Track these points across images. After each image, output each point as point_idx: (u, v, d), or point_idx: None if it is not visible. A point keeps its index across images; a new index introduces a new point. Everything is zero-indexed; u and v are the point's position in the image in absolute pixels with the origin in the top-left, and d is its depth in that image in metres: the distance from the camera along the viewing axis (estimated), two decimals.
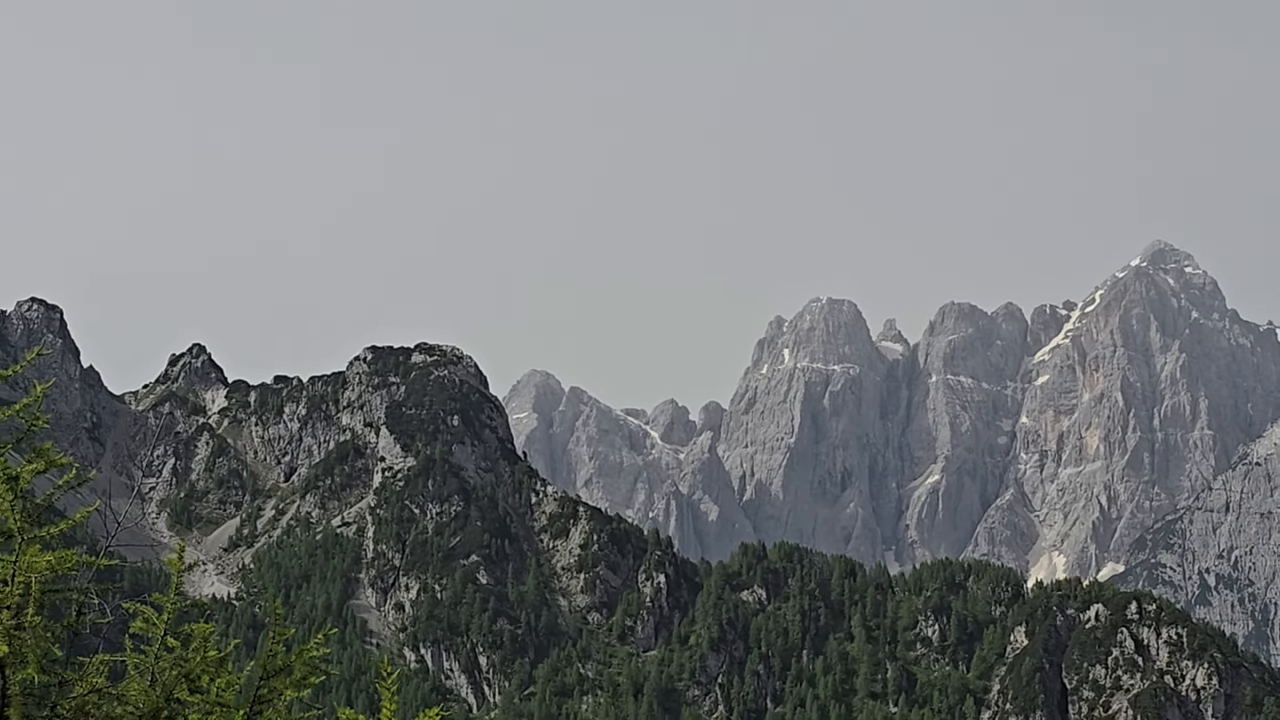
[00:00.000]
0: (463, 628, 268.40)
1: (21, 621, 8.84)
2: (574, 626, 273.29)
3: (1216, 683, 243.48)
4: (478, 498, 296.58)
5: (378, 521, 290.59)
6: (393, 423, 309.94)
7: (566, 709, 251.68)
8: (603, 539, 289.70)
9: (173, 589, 10.30)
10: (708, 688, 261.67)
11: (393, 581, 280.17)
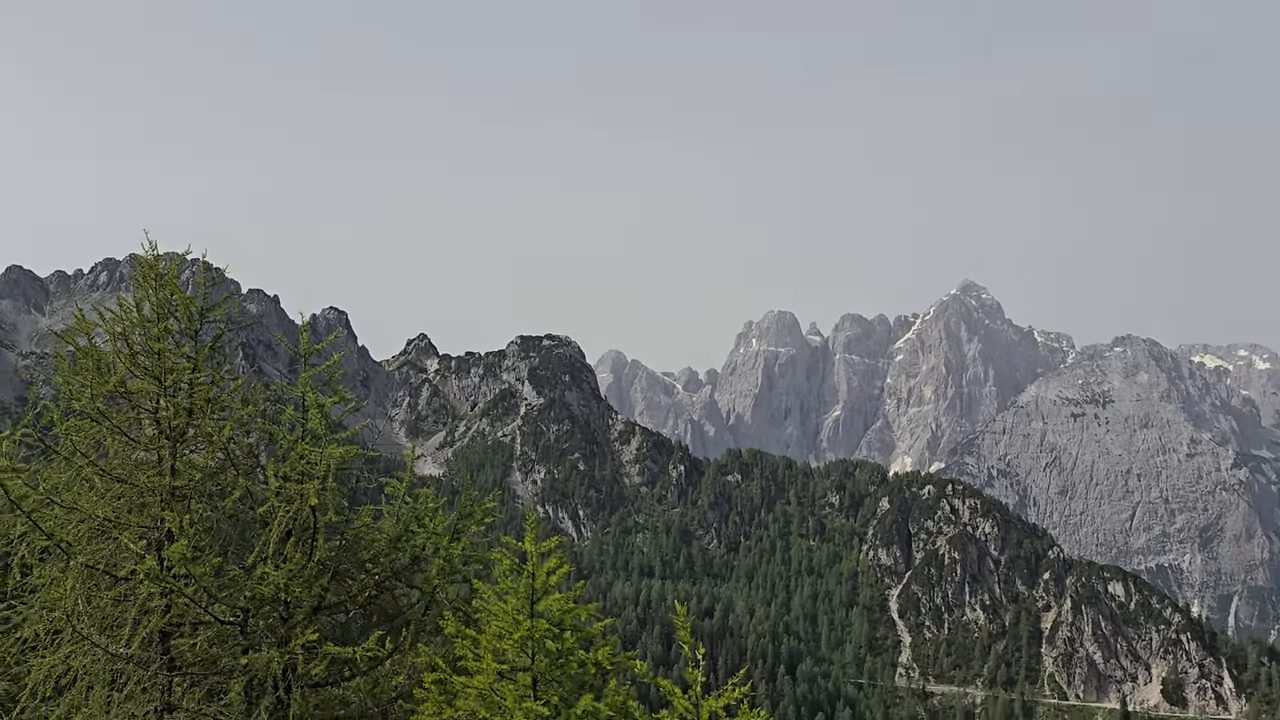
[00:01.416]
0: (570, 494, 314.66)
1: (326, 485, 11.44)
2: (632, 494, 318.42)
3: (996, 531, 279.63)
4: (579, 421, 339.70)
5: (522, 435, 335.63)
6: (531, 378, 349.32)
7: (626, 541, 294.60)
8: (648, 445, 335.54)
9: (409, 469, 12.65)
10: (707, 529, 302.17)
11: (530, 467, 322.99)
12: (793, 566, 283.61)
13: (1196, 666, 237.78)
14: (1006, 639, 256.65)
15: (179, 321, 12.85)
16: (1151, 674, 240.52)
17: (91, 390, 12.63)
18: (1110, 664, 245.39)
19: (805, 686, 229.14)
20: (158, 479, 12.48)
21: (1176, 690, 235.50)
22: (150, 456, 12.78)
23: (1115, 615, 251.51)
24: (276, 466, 12.51)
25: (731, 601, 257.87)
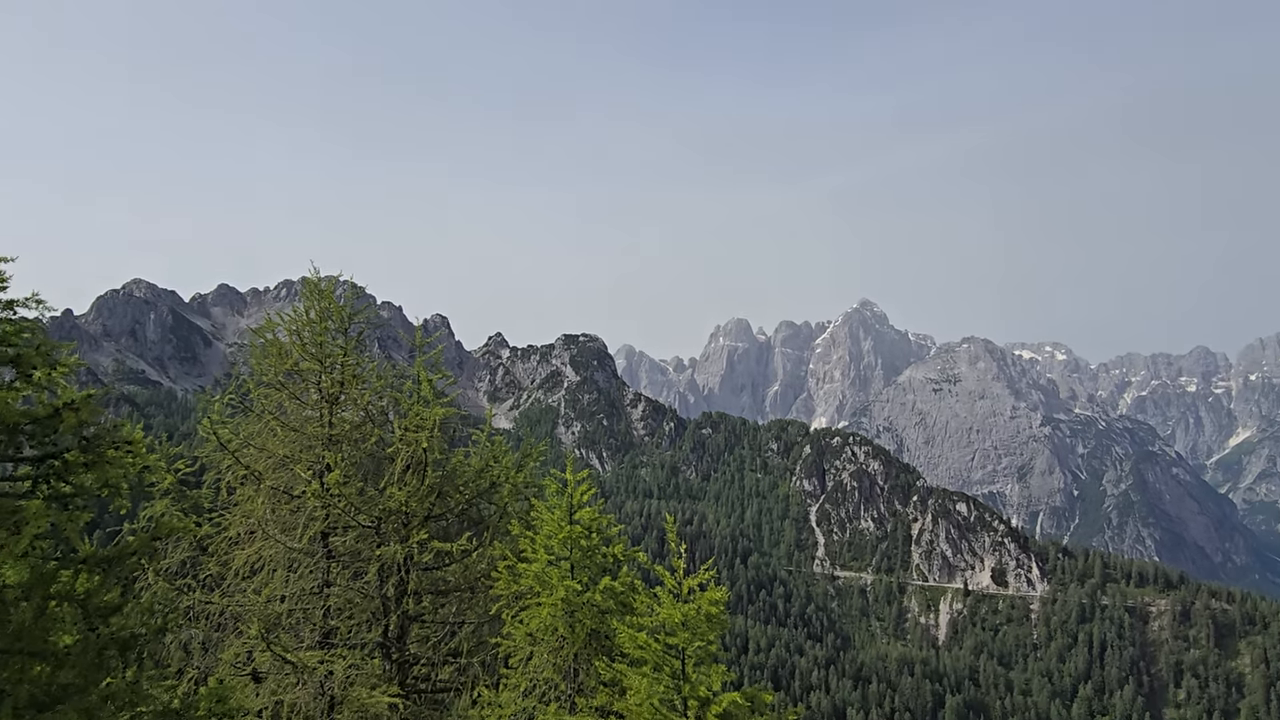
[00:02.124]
0: (597, 441, 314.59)
1: (432, 434, 10.99)
2: (639, 442, 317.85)
3: (882, 468, 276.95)
4: (603, 393, 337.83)
5: (565, 402, 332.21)
6: (571, 363, 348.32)
7: (634, 474, 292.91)
8: (649, 409, 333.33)
9: (488, 424, 12.42)
10: (689, 466, 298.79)
11: (570, 423, 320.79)
12: (745, 491, 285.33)
13: (1014, 559, 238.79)
14: (888, 540, 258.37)
15: (334, 322, 13.04)
16: (984, 564, 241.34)
17: (274, 369, 12.83)
18: (957, 558, 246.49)
19: (753, 572, 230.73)
20: (320, 429, 12.67)
21: (1000, 576, 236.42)
22: (314, 414, 12.97)
23: (960, 525, 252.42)
24: (400, 421, 12.62)
25: (704, 515, 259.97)
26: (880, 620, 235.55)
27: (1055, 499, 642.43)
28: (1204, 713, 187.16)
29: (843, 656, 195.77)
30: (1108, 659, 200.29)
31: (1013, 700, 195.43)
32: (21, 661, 6.66)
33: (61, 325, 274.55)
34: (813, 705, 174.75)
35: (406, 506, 11.92)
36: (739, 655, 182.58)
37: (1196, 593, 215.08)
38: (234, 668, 11.49)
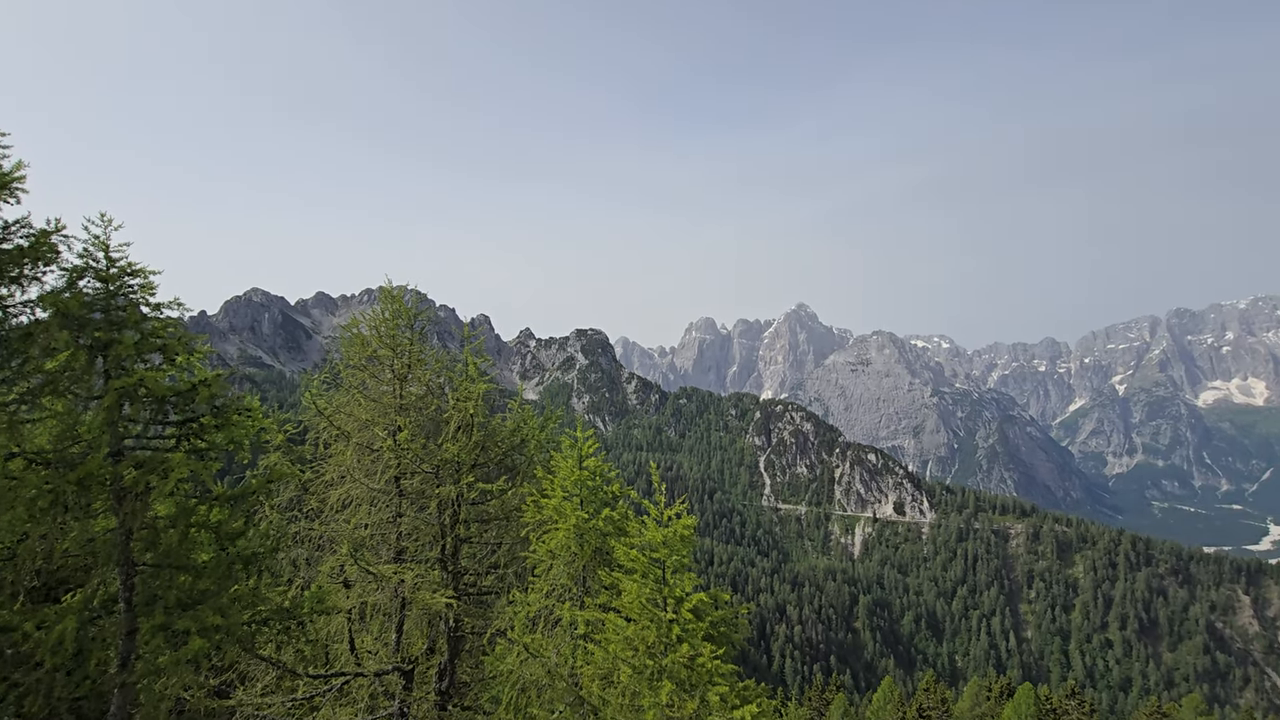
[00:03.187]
0: (601, 409, 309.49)
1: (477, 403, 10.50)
2: (633, 409, 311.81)
3: (812, 428, 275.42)
4: (606, 373, 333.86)
5: (578, 379, 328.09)
6: (582, 350, 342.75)
7: (629, 434, 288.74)
8: (640, 385, 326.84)
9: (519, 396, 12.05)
10: (670, 427, 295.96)
11: (582, 395, 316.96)
12: (712, 446, 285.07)
13: (910, 495, 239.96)
14: (817, 482, 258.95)
15: (403, 320, 12.98)
16: (889, 499, 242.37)
17: (358, 355, 12.79)
18: (868, 494, 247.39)
19: (717, 506, 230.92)
20: (392, 400, 12.62)
21: (900, 507, 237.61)
22: (388, 389, 12.89)
23: (871, 470, 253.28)
24: (453, 394, 12.66)
25: (681, 464, 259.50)
26: (811, 541, 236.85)
27: (940, 451, 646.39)
28: (1048, 607, 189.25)
29: (783, 568, 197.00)
30: (978, 568, 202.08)
31: (909, 599, 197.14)
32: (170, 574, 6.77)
33: (197, 322, 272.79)
34: (761, 604, 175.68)
35: (458, 457, 11.88)
36: (706, 567, 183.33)
37: (1044, 519, 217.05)
38: (330, 578, 11.51)
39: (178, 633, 6.37)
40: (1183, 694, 74.91)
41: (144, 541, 6.57)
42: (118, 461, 6.61)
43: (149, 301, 7.30)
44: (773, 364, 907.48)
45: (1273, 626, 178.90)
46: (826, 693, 62.91)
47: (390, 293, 12.88)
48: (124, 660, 6.32)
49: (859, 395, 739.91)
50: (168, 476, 6.21)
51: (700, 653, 6.51)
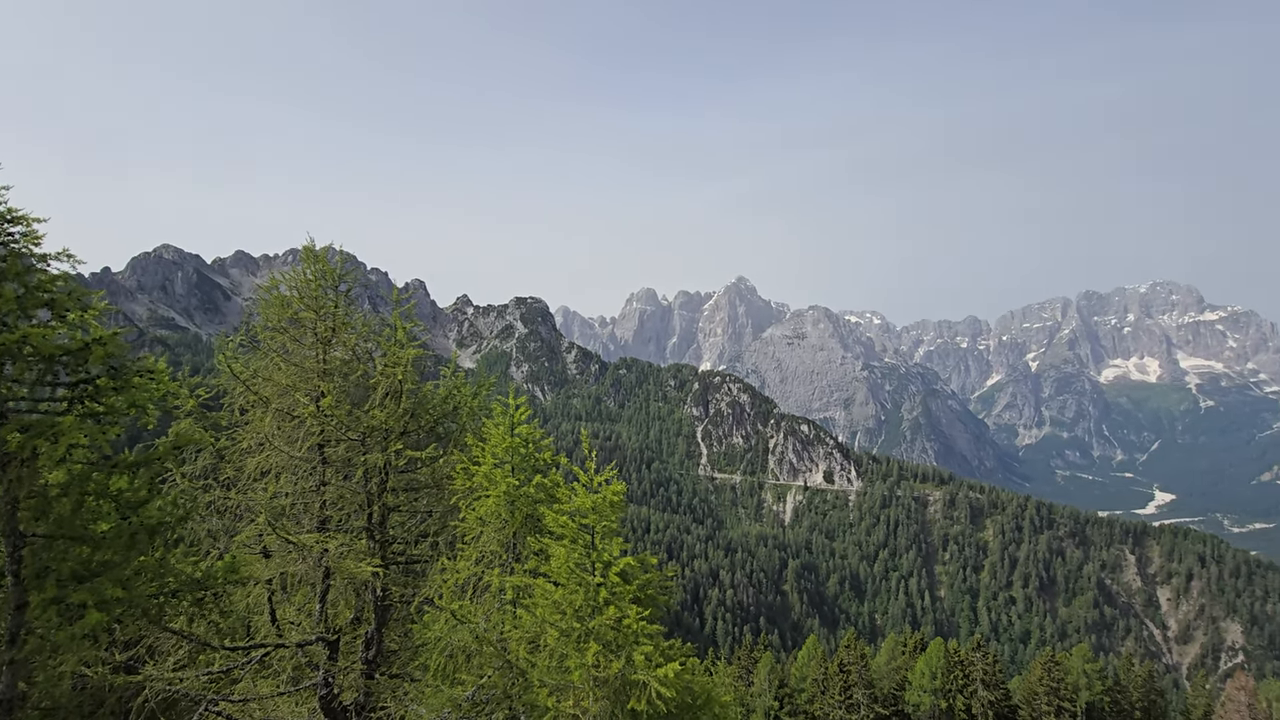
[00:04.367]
0: (540, 378, 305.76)
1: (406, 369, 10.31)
2: (572, 379, 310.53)
3: (749, 399, 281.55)
4: (546, 342, 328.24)
5: (516, 348, 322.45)
6: (521, 318, 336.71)
7: (569, 403, 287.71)
8: (581, 355, 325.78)
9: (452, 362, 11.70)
10: (610, 397, 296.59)
11: (521, 364, 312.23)
12: (650, 416, 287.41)
13: (839, 465, 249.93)
14: (752, 451, 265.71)
15: (327, 281, 12.41)
16: (819, 468, 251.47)
17: (277, 316, 12.18)
18: (800, 463, 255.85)
19: (655, 475, 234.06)
20: (315, 364, 12.12)
21: (829, 476, 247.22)
22: (311, 353, 12.35)
23: (803, 440, 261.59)
24: (381, 359, 12.20)
25: (620, 433, 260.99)
26: (745, 508, 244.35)
27: (869, 422, 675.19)
28: (960, 568, 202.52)
29: (718, 534, 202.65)
30: (899, 532, 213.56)
31: (834, 562, 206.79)
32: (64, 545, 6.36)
33: (101, 280, 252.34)
34: (695, 569, 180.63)
35: (386, 424, 11.54)
36: (643, 534, 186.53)
37: (959, 487, 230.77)
38: (247, 548, 11.10)
39: (73, 606, 6.01)
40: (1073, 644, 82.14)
41: (33, 511, 6.12)
42: (0, 425, 6.10)
43: (33, 252, 6.69)
44: (712, 336, 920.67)
45: (1152, 582, 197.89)
46: (755, 651, 65.79)
47: (313, 252, 12.26)
48: (12, 636, 5.92)
49: (794, 368, 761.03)
50: (58, 441, 5.77)
51: (627, 615, 6.65)
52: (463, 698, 7.74)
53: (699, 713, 6.45)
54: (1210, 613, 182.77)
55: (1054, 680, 59.36)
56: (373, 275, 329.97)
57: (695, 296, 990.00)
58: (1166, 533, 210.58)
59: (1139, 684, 62.27)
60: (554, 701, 6.55)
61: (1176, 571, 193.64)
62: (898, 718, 60.31)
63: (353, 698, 11.31)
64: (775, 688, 57.16)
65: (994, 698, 58.60)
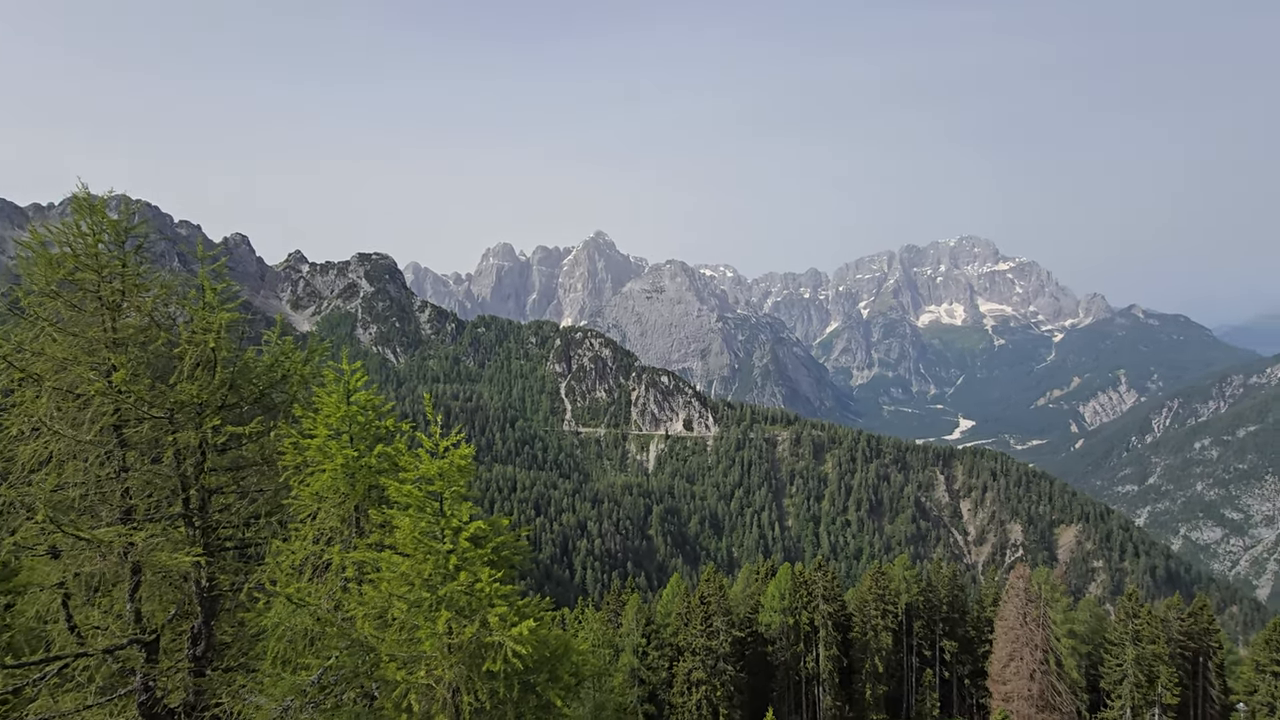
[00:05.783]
0: (392, 339, 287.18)
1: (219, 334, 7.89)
2: (427, 339, 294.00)
3: (611, 353, 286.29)
4: (395, 300, 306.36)
5: (362, 308, 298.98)
6: (366, 276, 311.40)
7: (425, 365, 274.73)
8: (435, 314, 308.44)
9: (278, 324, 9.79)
10: (469, 357, 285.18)
11: (368, 325, 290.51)
12: (512, 374, 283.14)
13: (698, 413, 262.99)
14: (615, 405, 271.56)
15: (110, 235, 10.63)
16: (679, 417, 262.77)
17: (45, 278, 10.28)
18: (661, 414, 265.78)
19: (519, 433, 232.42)
20: (102, 333, 10.44)
21: (689, 424, 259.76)
22: (95, 320, 10.62)
23: (663, 391, 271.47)
24: (187, 325, 10.75)
25: (481, 393, 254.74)
26: (610, 460, 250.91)
27: (724, 371, 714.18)
28: (805, 498, 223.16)
29: (584, 487, 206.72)
30: (752, 471, 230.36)
31: (695, 504, 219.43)
32: None
33: None
34: (564, 523, 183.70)
35: (199, 398, 10.33)
36: (510, 494, 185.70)
37: (804, 426, 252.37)
38: (28, 549, 9.55)
39: None
40: (896, 556, 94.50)
41: None
42: None
43: None
44: (572, 291, 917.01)
45: (957, 496, 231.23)
46: (623, 595, 68.76)
47: (86, 201, 10.40)
48: None
49: (654, 321, 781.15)
50: None
51: (479, 578, 6.57)
52: (307, 682, 7.33)
53: (556, 664, 6.59)
54: (999, 518, 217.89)
55: (880, 588, 68.08)
56: (182, 229, 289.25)
57: (554, 252, 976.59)
58: (967, 454, 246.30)
59: (946, 583, 73.14)
60: (405, 674, 6.38)
61: (975, 486, 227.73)
62: (753, 638, 66.30)
63: (181, 699, 10.33)
64: (643, 626, 60.31)
65: (832, 609, 66.14)
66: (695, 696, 57.39)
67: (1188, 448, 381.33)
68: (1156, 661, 61.47)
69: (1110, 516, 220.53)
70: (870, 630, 65.91)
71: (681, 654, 59.80)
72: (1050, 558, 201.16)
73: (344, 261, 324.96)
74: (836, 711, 65.28)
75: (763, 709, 60.91)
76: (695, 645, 58.90)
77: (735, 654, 60.91)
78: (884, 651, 66.03)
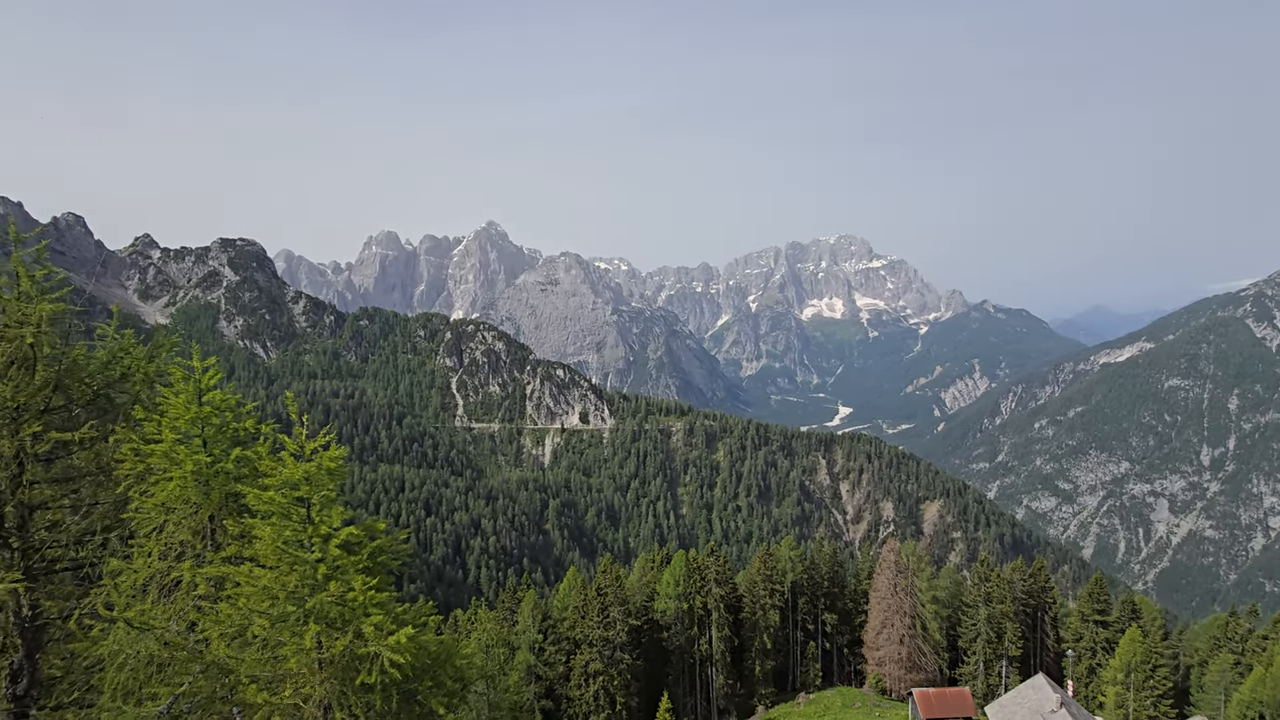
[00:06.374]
0: (261, 333, 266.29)
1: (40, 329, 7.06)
2: (302, 332, 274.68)
3: (505, 347, 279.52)
4: (265, 291, 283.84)
5: (225, 299, 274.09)
6: (230, 264, 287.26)
7: (300, 360, 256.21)
8: (311, 305, 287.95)
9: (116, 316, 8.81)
10: (352, 352, 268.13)
11: (233, 318, 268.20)
12: (399, 369, 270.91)
13: (594, 405, 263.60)
14: (509, 399, 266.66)
15: None
16: (575, 410, 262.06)
17: None
18: (557, 407, 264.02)
19: (407, 431, 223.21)
20: None
21: (585, 417, 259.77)
22: None
23: (559, 384, 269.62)
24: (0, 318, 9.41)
25: (365, 390, 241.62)
26: (505, 455, 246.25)
27: (620, 363, 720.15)
28: (698, 487, 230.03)
29: (478, 484, 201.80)
30: (648, 462, 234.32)
31: (592, 496, 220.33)
32: None
33: None
34: (457, 521, 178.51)
35: (14, 401, 9.03)
36: (397, 494, 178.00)
37: (697, 417, 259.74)
38: None
39: None
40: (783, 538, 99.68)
41: None
42: None
43: None
44: (464, 283, 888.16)
45: (837, 479, 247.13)
46: (518, 592, 67.84)
47: None
48: None
49: (549, 314, 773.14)
50: None
51: (352, 587, 6.20)
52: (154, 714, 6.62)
53: (439, 670, 6.36)
54: (874, 497, 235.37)
55: (768, 569, 71.58)
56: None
57: (444, 241, 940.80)
58: (846, 439, 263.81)
59: (827, 561, 78.12)
60: (268, 695, 5.91)
61: (852, 469, 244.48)
62: (649, 625, 67.64)
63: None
64: (539, 622, 59.84)
65: (724, 592, 68.77)
66: (593, 688, 57.80)
67: (1029, 428, 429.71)
68: (1004, 619, 68.99)
69: (967, 492, 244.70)
70: (759, 610, 69.17)
71: (579, 647, 59.95)
72: (917, 531, 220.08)
73: (203, 248, 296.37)
74: (728, 689, 68.06)
75: (658, 694, 62.35)
76: (592, 637, 59.23)
77: (632, 642, 61.87)
78: (772, 629, 69.55)
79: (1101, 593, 70.83)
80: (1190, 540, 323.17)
